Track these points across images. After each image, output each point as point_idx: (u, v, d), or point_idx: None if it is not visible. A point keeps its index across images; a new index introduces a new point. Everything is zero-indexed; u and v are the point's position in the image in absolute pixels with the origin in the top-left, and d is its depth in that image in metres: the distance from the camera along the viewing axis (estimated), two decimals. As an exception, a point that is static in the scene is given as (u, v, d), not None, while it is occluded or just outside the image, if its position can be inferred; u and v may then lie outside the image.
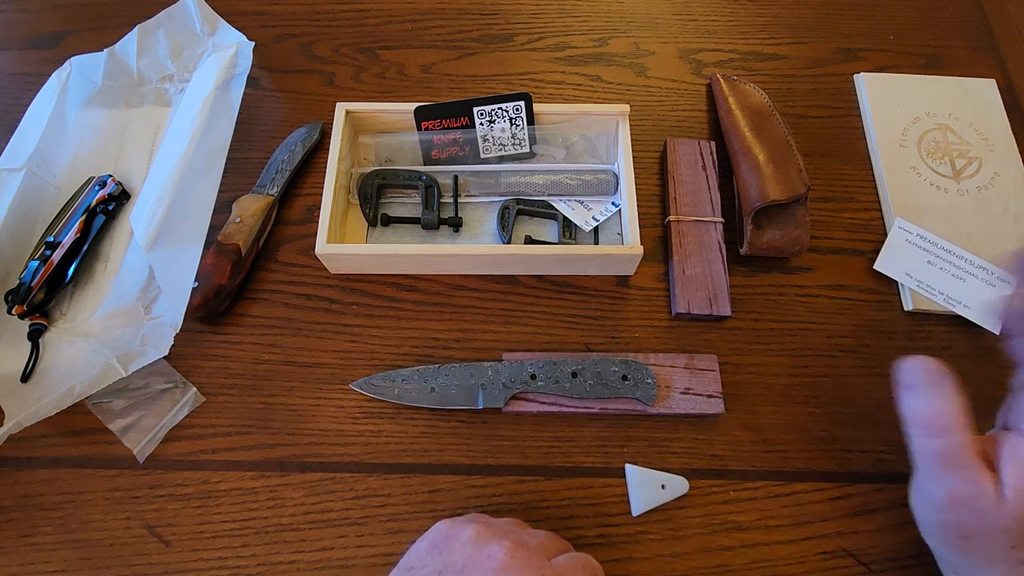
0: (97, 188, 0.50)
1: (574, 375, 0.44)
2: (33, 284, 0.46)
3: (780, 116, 0.53)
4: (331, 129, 0.50)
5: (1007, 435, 0.33)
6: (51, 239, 0.47)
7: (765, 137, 0.52)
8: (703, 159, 0.53)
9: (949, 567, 0.35)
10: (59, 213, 0.49)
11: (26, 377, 0.45)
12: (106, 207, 0.50)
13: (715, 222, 0.50)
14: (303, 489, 0.43)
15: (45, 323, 0.47)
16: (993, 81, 0.58)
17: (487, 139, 0.52)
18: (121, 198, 0.52)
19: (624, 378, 0.44)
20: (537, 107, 0.50)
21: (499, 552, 0.30)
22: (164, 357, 0.43)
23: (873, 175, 0.54)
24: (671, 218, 0.50)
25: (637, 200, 0.48)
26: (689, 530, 0.42)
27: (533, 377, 0.44)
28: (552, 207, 0.51)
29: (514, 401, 0.44)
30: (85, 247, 0.48)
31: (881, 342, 0.48)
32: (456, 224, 0.50)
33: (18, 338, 0.46)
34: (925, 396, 0.34)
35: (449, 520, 0.33)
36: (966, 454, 0.32)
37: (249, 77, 0.54)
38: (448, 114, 0.50)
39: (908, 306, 0.49)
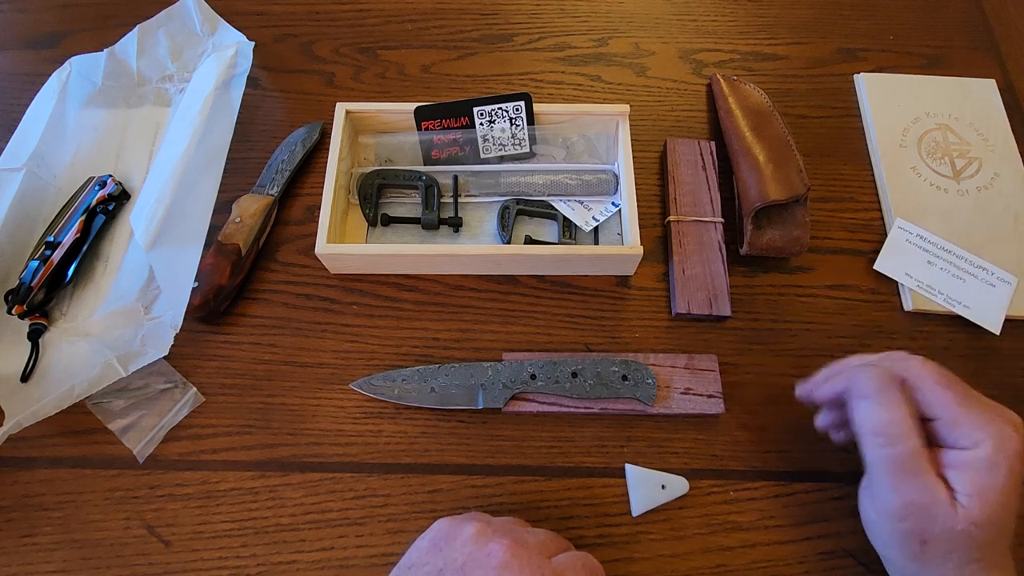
0: (97, 188, 0.50)
1: (574, 375, 0.44)
2: (33, 284, 0.46)
3: (780, 116, 0.53)
4: (331, 129, 0.50)
5: (946, 451, 0.34)
6: (51, 239, 0.47)
7: (765, 137, 0.52)
8: (703, 159, 0.53)
9: (898, 570, 0.36)
10: (59, 213, 0.49)
11: (26, 377, 0.45)
12: (106, 207, 0.50)
13: (715, 222, 0.50)
14: (303, 489, 0.43)
15: (45, 323, 0.47)
16: (993, 81, 0.58)
17: (487, 139, 0.52)
18: (121, 198, 0.52)
19: (624, 378, 0.44)
20: (537, 107, 0.50)
21: (499, 550, 0.30)
22: (164, 357, 0.43)
23: (873, 175, 0.54)
24: (671, 218, 0.50)
25: (637, 200, 0.48)
26: (689, 530, 0.42)
27: (533, 377, 0.44)
28: (552, 207, 0.51)
29: (514, 401, 0.44)
30: (85, 247, 0.48)
31: (881, 342, 0.48)
32: (456, 224, 0.50)
33: (18, 338, 0.46)
34: (879, 404, 0.35)
35: (450, 518, 0.34)
36: (919, 461, 0.33)
37: (249, 77, 0.54)
38: (448, 114, 0.50)
39: (908, 306, 0.49)
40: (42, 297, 0.46)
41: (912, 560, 0.34)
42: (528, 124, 0.51)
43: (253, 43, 0.55)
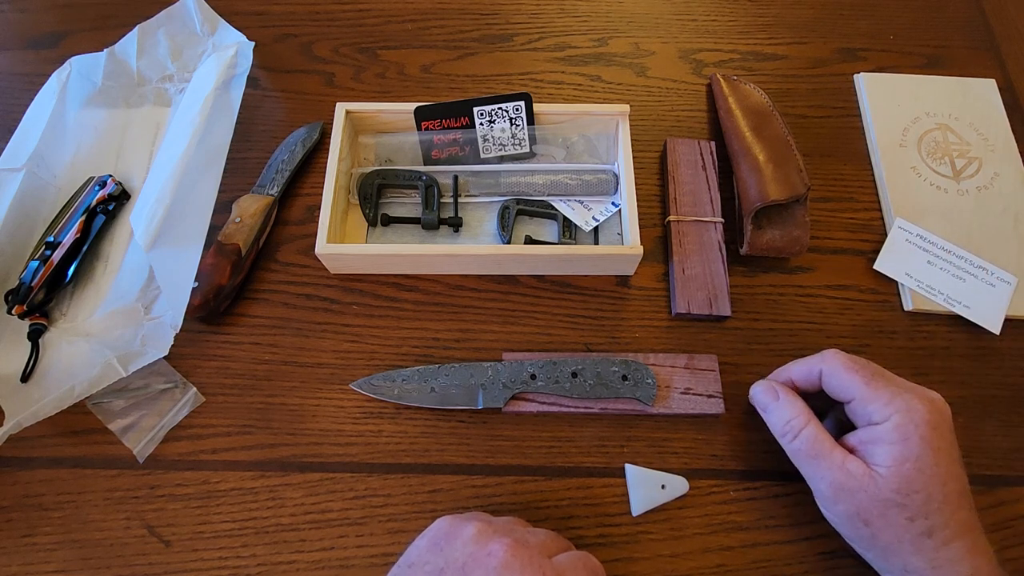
0: (97, 188, 0.50)
1: (574, 375, 0.44)
2: (33, 284, 0.46)
3: (780, 116, 0.53)
4: (331, 129, 0.50)
5: (861, 429, 0.37)
6: (51, 239, 0.47)
7: (765, 137, 0.52)
8: (703, 159, 0.53)
9: (879, 567, 0.37)
10: (59, 213, 0.49)
11: (26, 377, 0.45)
12: (106, 207, 0.50)
13: (715, 222, 0.50)
14: (303, 489, 0.43)
15: (45, 323, 0.47)
16: (993, 81, 0.58)
17: (487, 139, 0.52)
18: (121, 198, 0.52)
19: (624, 378, 0.44)
20: (537, 107, 0.50)
21: (500, 550, 0.30)
22: (164, 357, 0.43)
23: (873, 175, 0.54)
24: (671, 218, 0.50)
25: (637, 200, 0.48)
26: (689, 530, 0.42)
27: (533, 377, 0.44)
28: (552, 207, 0.51)
29: (514, 401, 0.44)
30: (85, 247, 0.48)
31: (881, 342, 0.48)
32: (456, 224, 0.50)
33: (18, 338, 0.46)
34: (773, 410, 0.40)
35: (450, 517, 0.34)
36: (821, 443, 0.37)
37: (249, 77, 0.54)
38: (448, 114, 0.50)
39: (908, 306, 0.49)
40: (42, 297, 0.46)
41: (871, 546, 0.36)
42: (528, 124, 0.51)
43: (253, 43, 0.55)
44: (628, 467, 0.43)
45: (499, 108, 0.50)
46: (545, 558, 0.31)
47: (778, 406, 0.39)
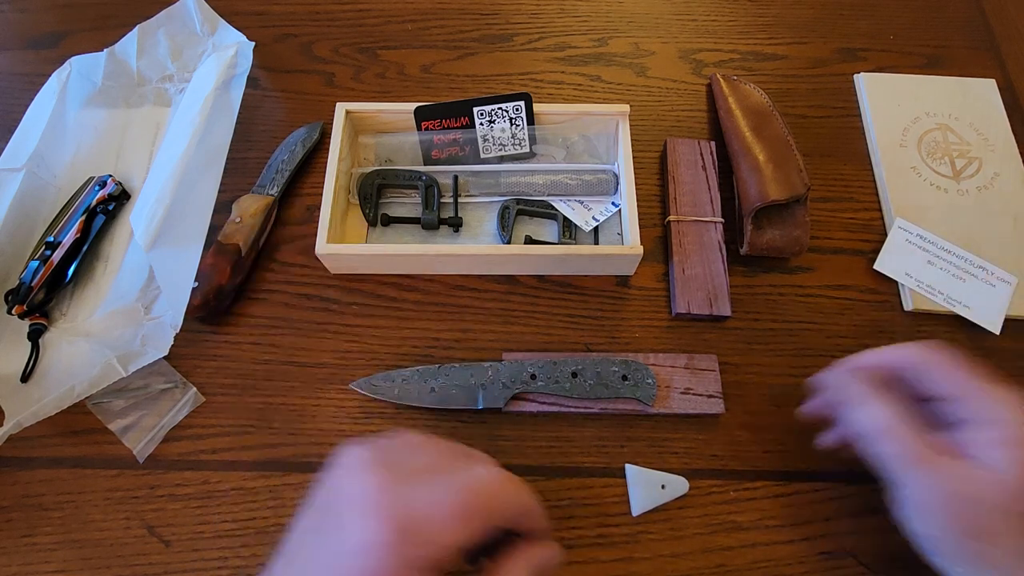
0: (97, 188, 0.50)
1: (574, 375, 0.44)
2: (33, 284, 0.46)
3: (780, 116, 0.53)
4: (331, 129, 0.50)
5: (962, 431, 0.33)
6: (51, 239, 0.47)
7: (765, 137, 0.52)
8: (703, 159, 0.53)
9: None
10: (59, 213, 0.49)
11: (26, 377, 0.45)
12: (106, 207, 0.50)
13: (715, 222, 0.50)
14: (303, 489, 0.43)
15: (45, 323, 0.47)
16: (993, 81, 0.58)
17: (487, 139, 0.52)
18: (121, 198, 0.52)
19: (624, 378, 0.44)
20: (537, 107, 0.50)
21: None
22: (164, 357, 0.43)
23: (873, 175, 0.54)
24: (671, 218, 0.50)
25: (637, 200, 0.48)
26: (689, 530, 0.42)
27: (533, 377, 0.44)
28: (552, 207, 0.51)
29: (514, 401, 0.44)
30: (85, 247, 0.48)
31: (881, 342, 0.47)
32: (456, 224, 0.50)
33: (18, 338, 0.46)
34: (862, 407, 0.35)
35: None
36: (921, 445, 0.32)
37: (249, 77, 0.54)
38: (448, 114, 0.50)
39: (908, 306, 0.49)
40: (42, 297, 0.46)
41: (977, 564, 0.31)
42: (528, 124, 0.51)
43: (253, 43, 0.55)
44: (628, 467, 0.43)
45: (499, 108, 0.50)
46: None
47: (870, 402, 0.34)
